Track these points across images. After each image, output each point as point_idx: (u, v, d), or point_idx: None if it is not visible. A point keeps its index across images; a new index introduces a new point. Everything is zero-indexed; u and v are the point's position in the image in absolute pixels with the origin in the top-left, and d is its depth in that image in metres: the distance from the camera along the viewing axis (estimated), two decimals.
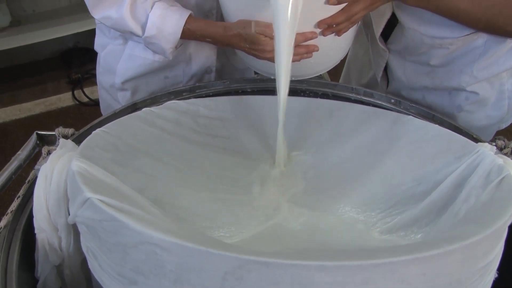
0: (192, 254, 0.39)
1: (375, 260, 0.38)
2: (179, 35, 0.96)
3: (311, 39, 0.88)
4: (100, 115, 2.57)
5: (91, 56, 3.02)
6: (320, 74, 1.58)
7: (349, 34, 0.97)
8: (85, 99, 2.79)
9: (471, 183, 0.67)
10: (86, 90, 2.80)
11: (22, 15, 2.91)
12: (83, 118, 2.67)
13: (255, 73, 1.11)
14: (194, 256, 0.39)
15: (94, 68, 3.10)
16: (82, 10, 0.93)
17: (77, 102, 2.79)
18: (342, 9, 0.83)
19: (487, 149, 0.71)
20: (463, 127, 0.90)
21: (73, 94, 2.81)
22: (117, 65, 1.15)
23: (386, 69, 1.18)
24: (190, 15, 0.97)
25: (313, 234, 0.67)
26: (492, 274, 0.52)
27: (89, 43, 1.05)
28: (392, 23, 1.07)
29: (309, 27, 0.87)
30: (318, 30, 0.87)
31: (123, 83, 1.16)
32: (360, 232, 0.71)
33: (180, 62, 1.14)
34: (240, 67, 1.23)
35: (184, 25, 0.95)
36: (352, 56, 1.36)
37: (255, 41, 0.89)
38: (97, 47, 1.20)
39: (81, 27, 2.68)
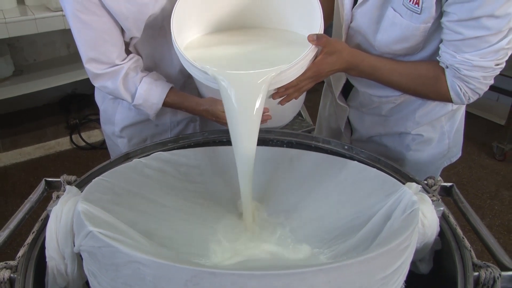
0: (163, 268, 0.56)
1: (290, 270, 0.54)
2: (160, 106, 1.17)
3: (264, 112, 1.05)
4: (96, 158, 2.84)
5: (88, 102, 3.19)
6: (303, 116, 1.83)
7: (298, 101, 1.17)
8: (82, 143, 2.94)
9: (394, 216, 0.83)
10: (83, 134, 2.95)
11: (24, 64, 3.07)
12: (80, 162, 2.81)
13: None
14: (164, 269, 0.56)
15: (91, 114, 3.37)
16: (80, 59, 1.09)
17: (74, 146, 2.94)
18: (291, 84, 0.98)
19: (412, 188, 0.87)
20: (402, 168, 1.06)
21: (71, 139, 2.96)
22: (115, 116, 1.33)
23: (349, 121, 1.38)
24: (171, 89, 1.17)
25: (267, 258, 0.83)
26: (396, 285, 0.68)
27: (86, 89, 1.22)
28: (351, 84, 1.27)
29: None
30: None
31: (121, 131, 1.34)
32: (309, 258, 0.87)
33: (167, 112, 1.33)
34: None
35: (165, 98, 1.16)
36: (321, 108, 1.56)
37: (219, 116, 1.10)
38: (97, 100, 1.40)
39: (79, 75, 2.83)
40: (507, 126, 2.94)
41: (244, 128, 0.90)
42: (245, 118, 0.89)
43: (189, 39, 1.10)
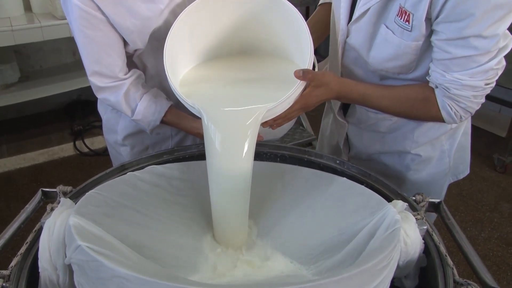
0: (144, 283, 0.59)
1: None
2: (158, 123, 1.22)
3: None
4: (98, 164, 2.88)
5: (93, 108, 3.23)
6: (304, 126, 1.83)
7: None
8: (86, 149, 2.97)
9: (377, 234, 0.85)
10: (87, 141, 2.97)
11: (30, 71, 3.10)
12: (83, 168, 2.84)
13: None
14: (146, 284, 0.59)
15: (96, 120, 3.40)
16: None
17: (78, 152, 2.97)
18: (280, 116, 1.00)
19: (397, 206, 0.89)
20: (391, 184, 1.08)
21: (74, 145, 2.98)
22: (118, 125, 1.37)
23: (348, 137, 1.39)
24: (169, 108, 1.22)
25: (252, 273, 0.86)
26: None
27: (91, 96, 1.24)
28: None
29: None
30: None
31: (123, 139, 1.38)
32: (294, 273, 0.88)
33: None
34: None
35: (163, 117, 1.21)
36: (323, 127, 1.58)
37: None
38: (99, 110, 1.44)
39: (84, 82, 2.82)
40: (508, 138, 2.94)
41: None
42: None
43: (183, 69, 1.11)
